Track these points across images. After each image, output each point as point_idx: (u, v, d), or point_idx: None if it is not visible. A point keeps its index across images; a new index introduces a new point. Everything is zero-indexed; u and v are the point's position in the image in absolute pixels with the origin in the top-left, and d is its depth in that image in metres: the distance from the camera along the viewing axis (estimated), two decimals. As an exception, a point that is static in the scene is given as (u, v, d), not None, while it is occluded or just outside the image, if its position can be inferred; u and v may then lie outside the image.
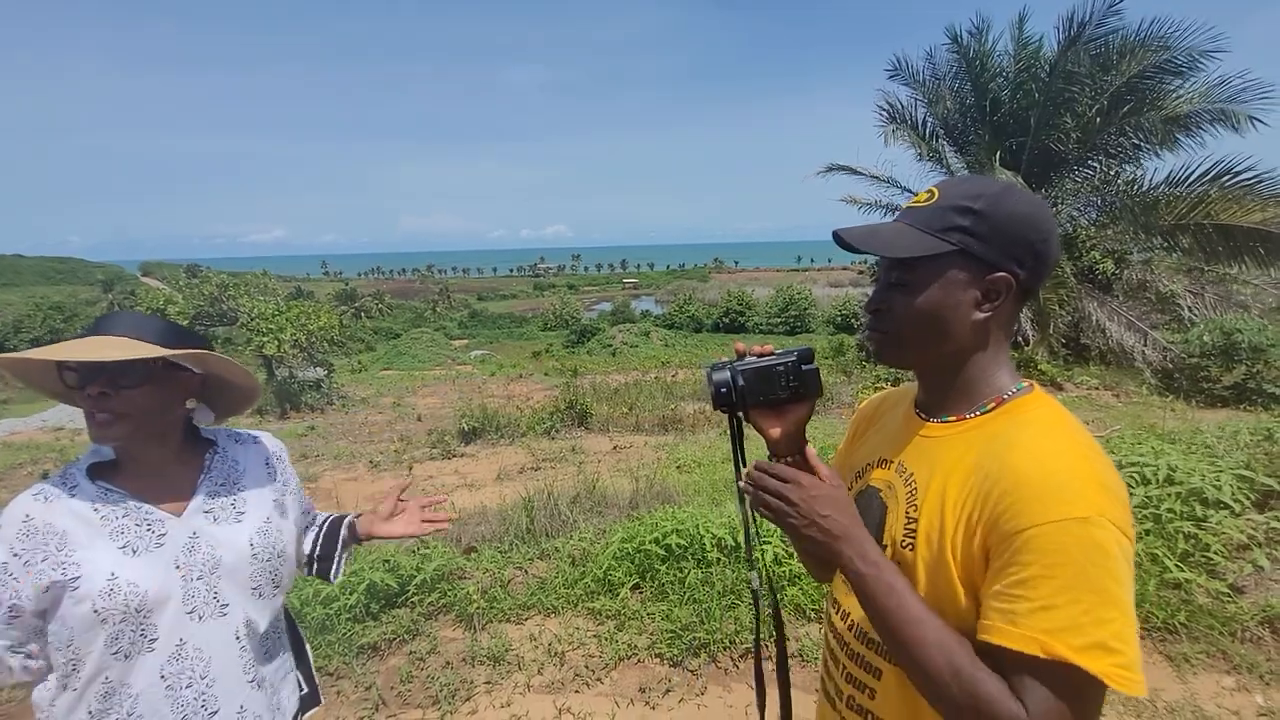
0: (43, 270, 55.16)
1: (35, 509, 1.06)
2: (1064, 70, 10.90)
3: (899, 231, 0.85)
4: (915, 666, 0.77)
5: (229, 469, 1.24)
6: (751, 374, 0.91)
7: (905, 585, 0.79)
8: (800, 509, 0.82)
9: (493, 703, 2.68)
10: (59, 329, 31.84)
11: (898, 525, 0.86)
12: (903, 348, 0.88)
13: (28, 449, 11.85)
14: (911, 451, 0.91)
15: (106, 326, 1.11)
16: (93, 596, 1.03)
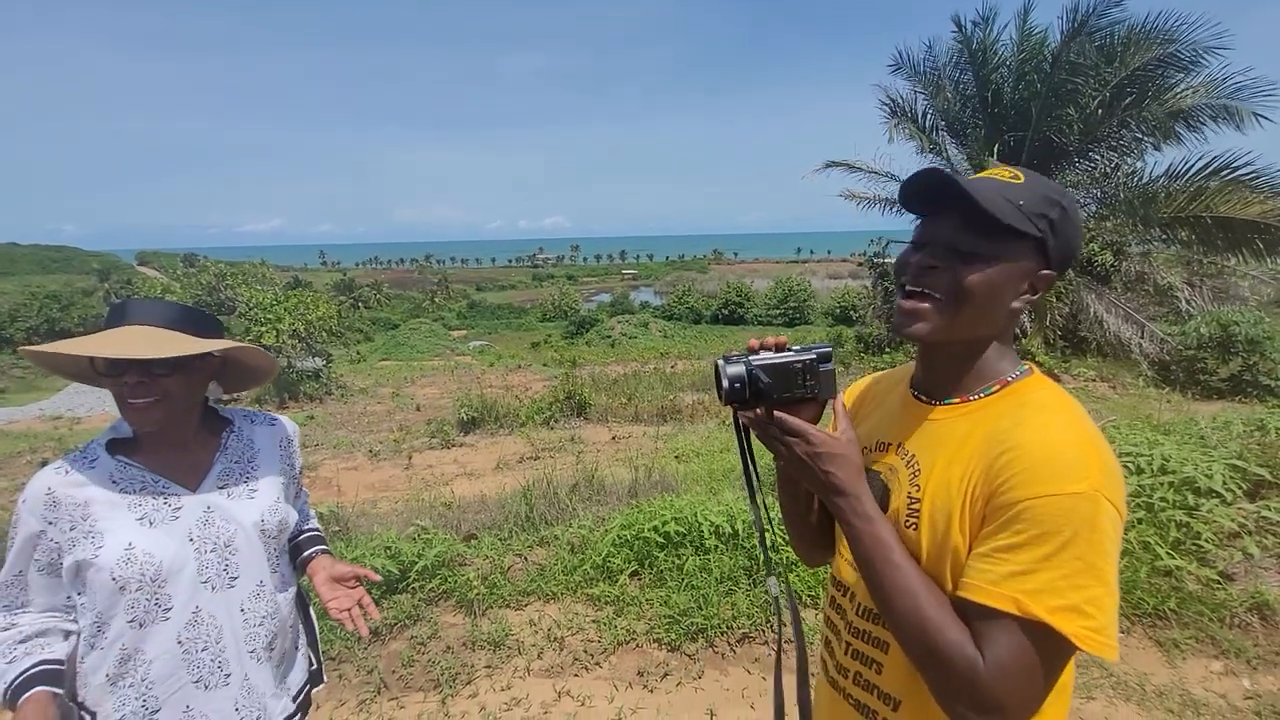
0: (39, 259, 54.89)
1: (56, 481, 1.12)
2: (1067, 61, 10.85)
3: (998, 199, 0.80)
4: (889, 614, 0.80)
5: (244, 448, 1.30)
6: (769, 370, 0.86)
7: (894, 538, 0.82)
8: (803, 462, 0.85)
9: (493, 686, 2.72)
10: (55, 318, 31.76)
11: (901, 505, 0.87)
12: (950, 318, 0.84)
13: (26, 438, 11.87)
14: (912, 434, 0.92)
15: (132, 315, 1.15)
16: (110, 565, 1.09)
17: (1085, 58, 10.78)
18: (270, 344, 16.20)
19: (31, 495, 1.11)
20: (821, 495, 0.87)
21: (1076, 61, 10.82)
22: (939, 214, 0.85)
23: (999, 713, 0.72)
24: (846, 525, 0.84)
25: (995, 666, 0.72)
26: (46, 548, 1.12)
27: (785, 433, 0.86)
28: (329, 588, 1.34)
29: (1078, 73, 10.91)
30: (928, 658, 0.76)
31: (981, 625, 0.74)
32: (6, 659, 1.11)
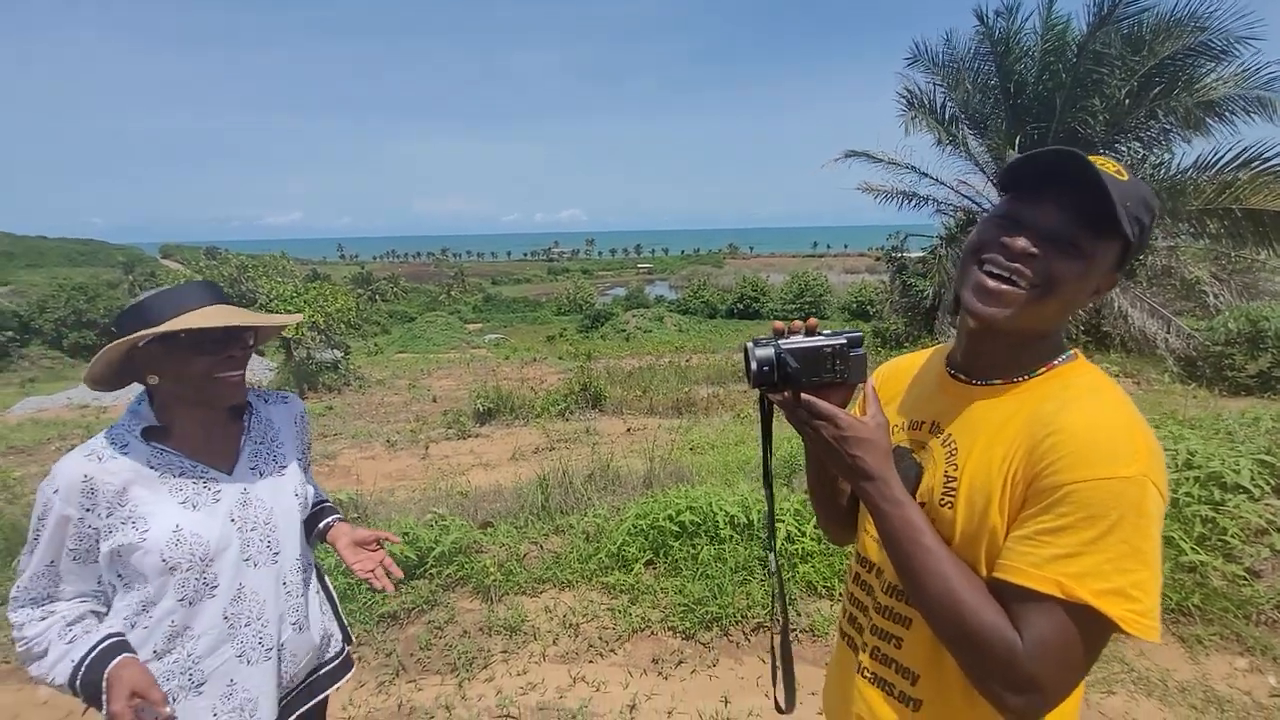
0: (66, 252, 56.06)
1: (91, 468, 1.12)
2: (1093, 50, 10.62)
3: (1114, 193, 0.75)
4: (920, 595, 0.80)
5: (265, 428, 1.33)
6: (798, 354, 0.85)
7: (924, 521, 0.82)
8: (829, 445, 0.85)
9: (509, 671, 2.75)
10: (82, 309, 32.44)
11: (936, 484, 0.87)
12: (1033, 309, 0.80)
13: (55, 425, 12.16)
14: (950, 413, 0.90)
15: (213, 295, 1.20)
16: (160, 548, 1.12)
17: (1112, 47, 10.53)
18: (290, 335, 16.43)
19: (66, 483, 1.10)
20: (849, 479, 0.86)
21: (1102, 51, 10.58)
22: (1045, 196, 0.79)
23: (1038, 692, 0.72)
24: (875, 509, 0.84)
25: (1034, 647, 0.72)
26: (82, 534, 1.12)
27: (813, 416, 0.85)
28: (352, 551, 1.39)
29: (1103, 62, 10.68)
30: (962, 639, 0.76)
31: (1020, 607, 0.74)
32: (65, 640, 1.11)
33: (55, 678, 1.10)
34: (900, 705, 0.90)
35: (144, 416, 1.19)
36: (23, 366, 29.44)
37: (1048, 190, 0.79)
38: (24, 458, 8.79)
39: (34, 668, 1.12)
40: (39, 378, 26.96)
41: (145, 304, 1.15)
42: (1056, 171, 0.78)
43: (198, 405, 1.21)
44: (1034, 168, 0.80)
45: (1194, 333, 9.73)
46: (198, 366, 1.16)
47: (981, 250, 0.83)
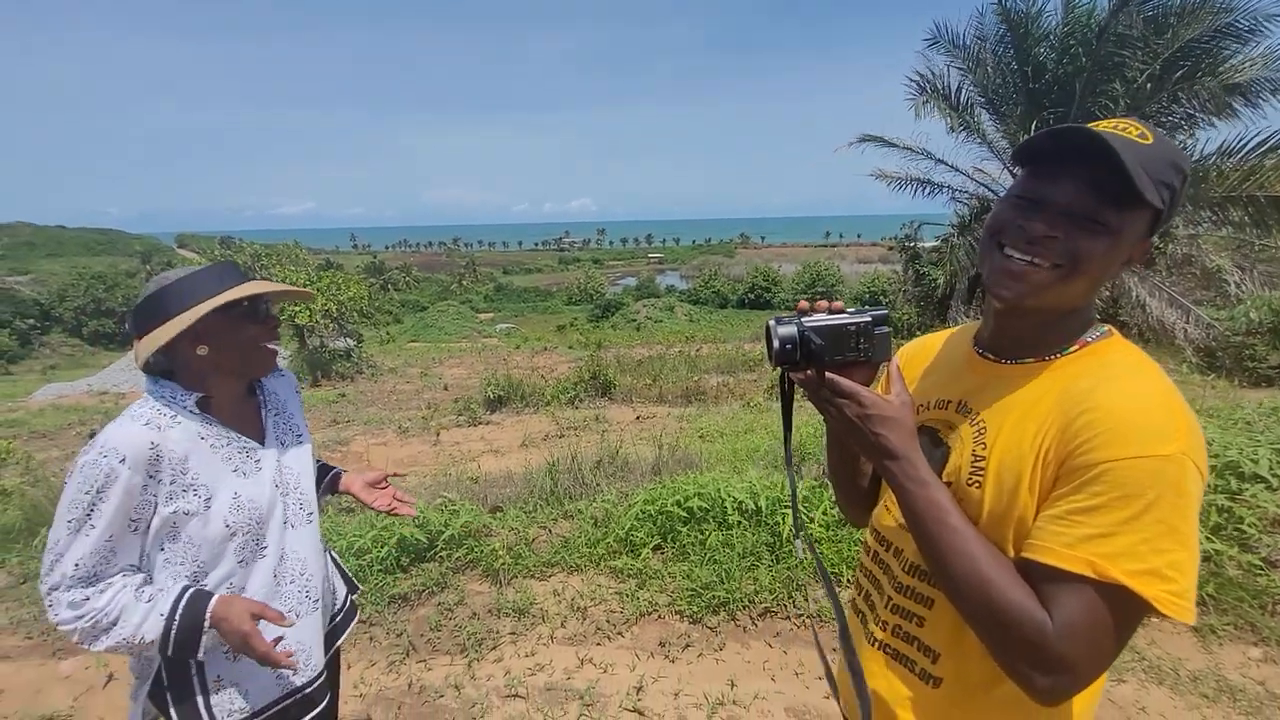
0: (84, 241, 56.83)
1: (155, 436, 1.15)
2: (1115, 33, 10.37)
3: (1135, 163, 0.72)
4: (946, 576, 0.78)
5: (275, 400, 1.40)
6: (822, 331, 0.83)
7: (950, 501, 0.80)
8: (853, 424, 0.83)
9: (518, 652, 2.78)
10: (101, 298, 32.92)
11: (963, 463, 0.85)
12: (1058, 288, 0.78)
13: (75, 410, 12.39)
14: (978, 393, 0.89)
15: (241, 275, 1.27)
16: (224, 514, 1.20)
17: (1134, 29, 10.29)
18: (304, 324, 16.58)
19: (133, 452, 1.11)
20: (872, 459, 0.85)
21: (1125, 33, 10.34)
22: (1061, 171, 0.77)
23: (1068, 672, 0.71)
24: (899, 489, 0.82)
25: (1064, 627, 0.70)
26: (143, 504, 1.14)
27: (836, 394, 0.83)
28: (368, 493, 1.55)
29: (1125, 45, 10.43)
30: (989, 619, 0.74)
31: (1050, 588, 0.72)
32: (145, 600, 1.13)
33: (145, 634, 1.11)
34: (920, 682, 0.90)
35: (181, 390, 1.22)
36: (44, 354, 29.99)
37: (1065, 166, 0.76)
38: (45, 442, 8.98)
39: (103, 640, 1.11)
40: (59, 365, 27.45)
41: (184, 283, 1.20)
42: (1072, 146, 0.76)
43: (240, 375, 1.29)
44: (1049, 144, 0.78)
45: (1214, 322, 9.56)
46: (249, 335, 1.25)
47: (1000, 232, 0.81)
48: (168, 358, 1.22)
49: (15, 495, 4.13)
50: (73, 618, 1.10)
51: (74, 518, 1.10)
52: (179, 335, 1.17)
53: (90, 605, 1.10)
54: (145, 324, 1.19)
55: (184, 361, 1.22)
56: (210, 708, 1.20)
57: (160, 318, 1.18)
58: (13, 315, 30.57)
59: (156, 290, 1.20)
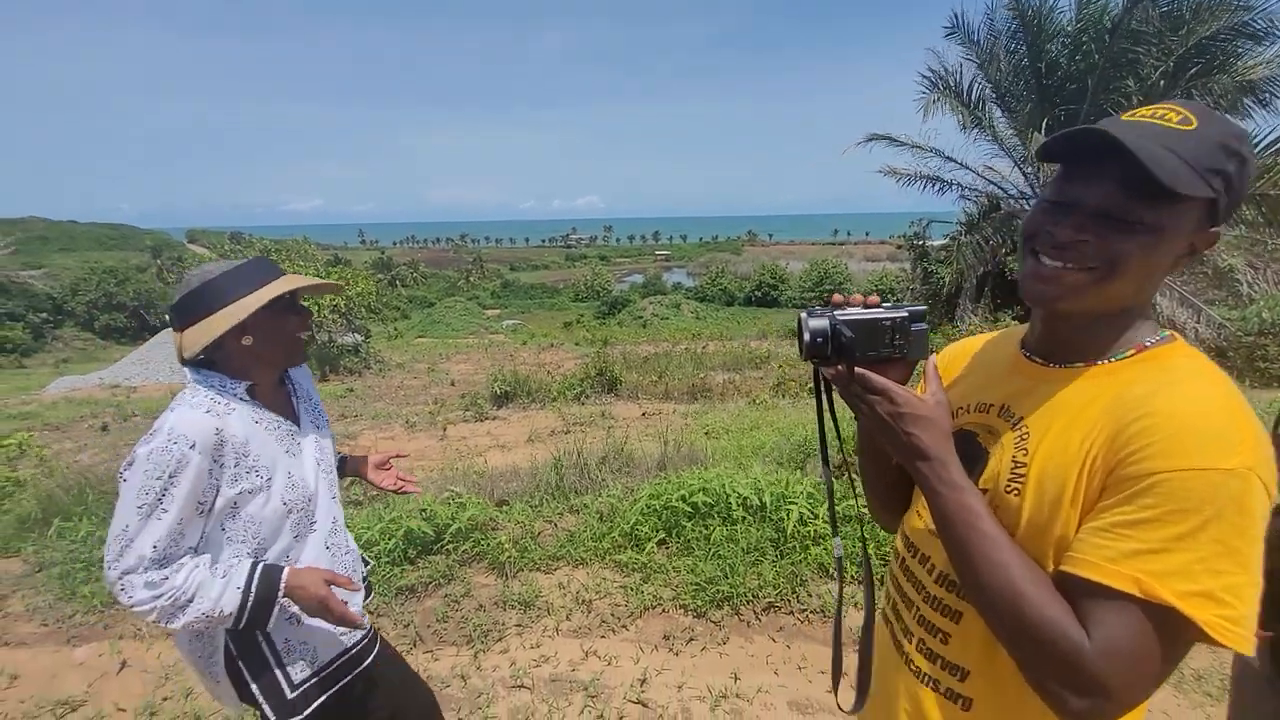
0: (96, 236, 57.31)
1: (218, 422, 1.21)
2: (1129, 29, 10.28)
3: (1165, 156, 0.68)
4: (976, 586, 0.74)
5: (300, 388, 1.48)
6: (855, 325, 0.80)
7: (983, 507, 0.76)
8: (884, 422, 0.79)
9: (523, 644, 2.80)
10: (113, 292, 33.19)
11: (1002, 469, 0.81)
12: (1097, 291, 0.74)
13: (88, 404, 12.52)
14: (1021, 396, 0.84)
15: (279, 270, 1.34)
16: (281, 493, 1.29)
17: (1149, 25, 10.19)
18: (313, 318, 16.67)
19: (202, 437, 1.17)
20: (903, 459, 0.80)
21: (1139, 30, 10.24)
22: (1089, 170, 0.73)
23: (1103, 695, 0.66)
24: (930, 492, 0.78)
25: (1104, 647, 0.65)
26: (209, 486, 1.20)
27: (867, 390, 0.80)
28: (375, 473, 1.66)
29: (1140, 41, 10.34)
30: (1021, 635, 0.70)
31: (1091, 604, 0.67)
32: (220, 576, 1.19)
33: (224, 607, 1.17)
34: (948, 703, 0.85)
35: (229, 379, 1.28)
36: (56, 347, 30.31)
37: (1094, 165, 0.73)
38: (59, 434, 9.08)
39: (181, 616, 1.16)
40: (72, 358, 27.74)
41: (227, 277, 1.26)
42: (1088, 147, 0.72)
43: (278, 365, 1.35)
44: (1065, 146, 0.74)
45: (1225, 322, 9.48)
46: (291, 326, 1.33)
47: (1033, 237, 0.78)
48: (211, 348, 1.27)
49: (30, 486, 4.20)
50: (150, 598, 1.14)
51: (145, 503, 1.14)
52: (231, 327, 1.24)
53: (169, 584, 1.15)
54: (191, 317, 1.24)
55: (229, 352, 1.28)
56: (285, 670, 1.31)
57: (205, 311, 1.23)
58: (26, 309, 30.91)
59: (200, 285, 1.25)
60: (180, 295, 1.26)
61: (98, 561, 3.37)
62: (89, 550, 3.45)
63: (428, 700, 1.70)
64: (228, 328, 1.22)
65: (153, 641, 2.93)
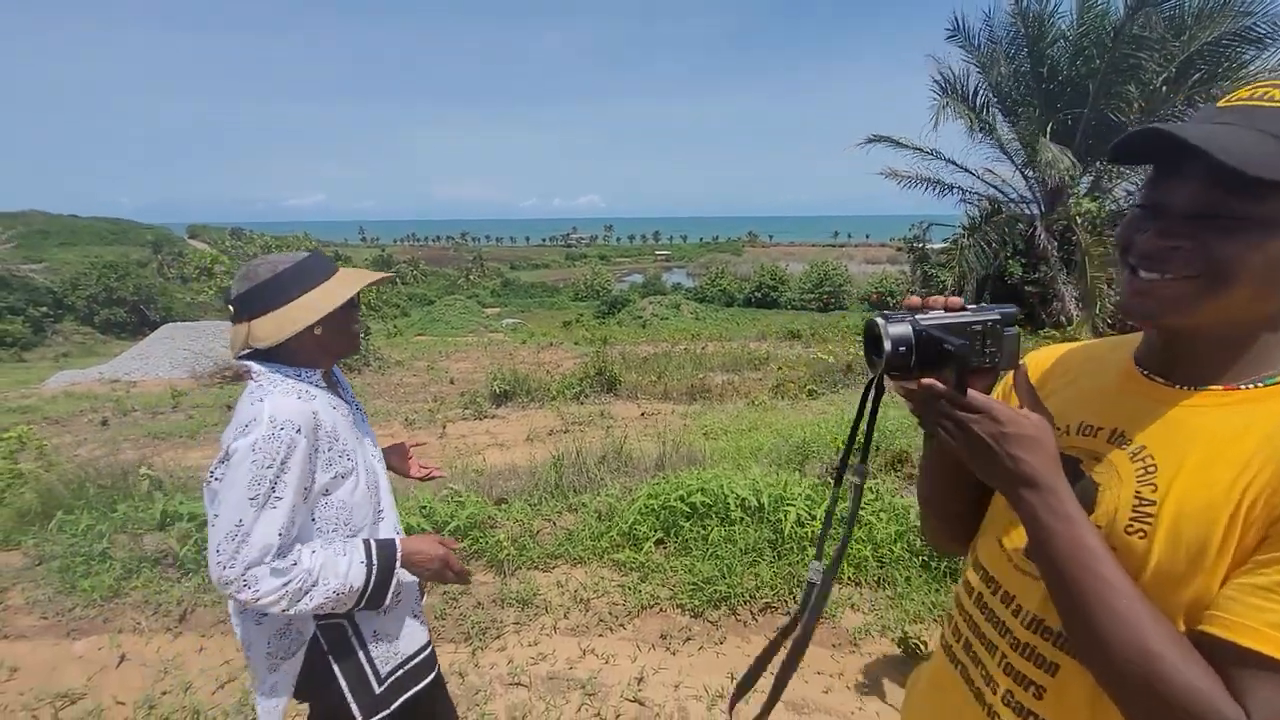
0: (97, 231, 57.25)
1: (311, 407, 1.25)
2: (1131, 35, 10.31)
3: (1256, 141, 0.60)
4: (1092, 642, 0.63)
5: (341, 378, 1.53)
6: (951, 331, 0.69)
7: (1102, 545, 0.65)
8: (986, 445, 0.67)
9: (521, 641, 2.82)
10: (113, 287, 33.15)
11: (1122, 506, 0.69)
12: (1210, 302, 0.64)
13: (87, 398, 12.51)
14: (1141, 421, 0.73)
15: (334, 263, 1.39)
16: (363, 476, 1.35)
17: (1151, 31, 10.21)
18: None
19: (303, 422, 1.21)
20: (1003, 486, 0.69)
21: (1141, 35, 10.27)
22: (1171, 168, 0.66)
23: None
24: (1036, 525, 0.66)
25: None
26: (307, 472, 1.23)
27: (962, 409, 0.68)
28: (402, 463, 1.70)
29: (1142, 47, 10.36)
30: (1155, 703, 0.59)
31: (1243, 674, 0.57)
32: (342, 554, 1.25)
33: (352, 583, 1.23)
34: None
35: (304, 369, 1.32)
36: (56, 342, 30.27)
37: (1173, 162, 0.65)
38: (58, 428, 9.08)
39: (309, 599, 1.19)
40: (72, 353, 27.70)
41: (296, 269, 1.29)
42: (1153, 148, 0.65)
43: (341, 354, 1.40)
44: (1146, 143, 0.66)
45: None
46: (353, 317, 1.38)
47: (1126, 250, 0.70)
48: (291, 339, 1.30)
49: (32, 480, 4.20)
50: (279, 585, 1.16)
51: (258, 494, 1.15)
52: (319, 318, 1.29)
53: (299, 569, 1.17)
54: (264, 307, 1.27)
55: (302, 342, 1.30)
56: (372, 661, 1.34)
57: (282, 300, 1.27)
58: (26, 303, 30.88)
59: (271, 276, 1.27)
60: (249, 287, 1.27)
61: (98, 555, 3.38)
62: (89, 544, 3.46)
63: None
64: (316, 318, 1.26)
65: (152, 635, 2.94)
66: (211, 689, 2.58)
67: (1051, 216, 11.87)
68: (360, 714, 1.32)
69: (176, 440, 7.99)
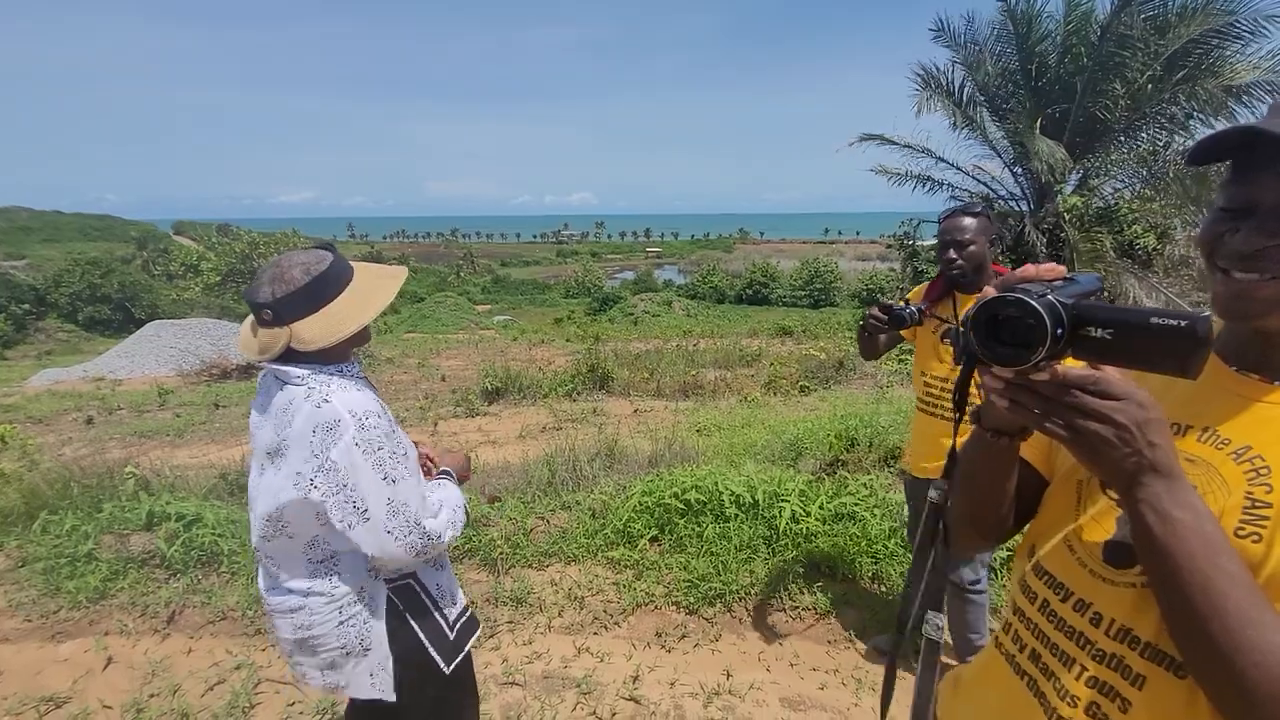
0: (80, 227, 56.43)
1: (371, 396, 1.34)
2: (1116, 33, 10.38)
3: None
4: (1222, 650, 0.57)
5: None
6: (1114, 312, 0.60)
7: (1227, 542, 0.60)
8: (1132, 436, 0.59)
9: (515, 640, 2.80)
10: (97, 284, 32.70)
11: (1230, 509, 0.65)
12: None
13: (71, 397, 12.34)
14: (1237, 418, 0.70)
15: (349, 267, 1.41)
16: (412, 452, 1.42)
17: (1135, 29, 10.29)
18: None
19: (376, 407, 1.31)
20: (1127, 478, 0.61)
21: (1126, 34, 10.34)
22: (1259, 164, 0.64)
23: None
24: (1161, 518, 0.59)
25: None
26: (402, 439, 1.35)
27: (1105, 396, 0.59)
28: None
29: (1126, 45, 10.44)
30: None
31: None
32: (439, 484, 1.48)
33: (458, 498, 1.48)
34: None
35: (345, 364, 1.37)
36: (39, 339, 29.83)
37: (1262, 159, 0.64)
38: (42, 428, 8.95)
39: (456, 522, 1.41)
40: (55, 350, 27.32)
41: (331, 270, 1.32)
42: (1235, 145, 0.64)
43: (358, 347, 1.43)
44: (1229, 142, 0.65)
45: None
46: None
47: (1212, 251, 0.68)
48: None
49: (15, 479, 4.13)
50: (448, 523, 1.38)
51: (387, 473, 1.26)
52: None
53: (449, 506, 1.41)
54: (312, 308, 1.29)
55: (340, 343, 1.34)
56: (442, 612, 1.46)
57: (326, 299, 1.30)
58: (8, 300, 30.39)
59: (311, 279, 1.28)
60: (287, 290, 1.27)
61: (83, 556, 3.33)
62: (74, 545, 3.40)
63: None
64: (369, 318, 1.32)
65: (139, 637, 2.90)
66: (200, 691, 2.54)
67: (1040, 213, 11.97)
68: (443, 661, 1.43)
69: (163, 439, 7.89)
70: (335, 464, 1.23)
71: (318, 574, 1.34)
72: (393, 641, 1.38)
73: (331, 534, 1.31)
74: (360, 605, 1.36)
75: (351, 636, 1.35)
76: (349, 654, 1.36)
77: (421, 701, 1.43)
